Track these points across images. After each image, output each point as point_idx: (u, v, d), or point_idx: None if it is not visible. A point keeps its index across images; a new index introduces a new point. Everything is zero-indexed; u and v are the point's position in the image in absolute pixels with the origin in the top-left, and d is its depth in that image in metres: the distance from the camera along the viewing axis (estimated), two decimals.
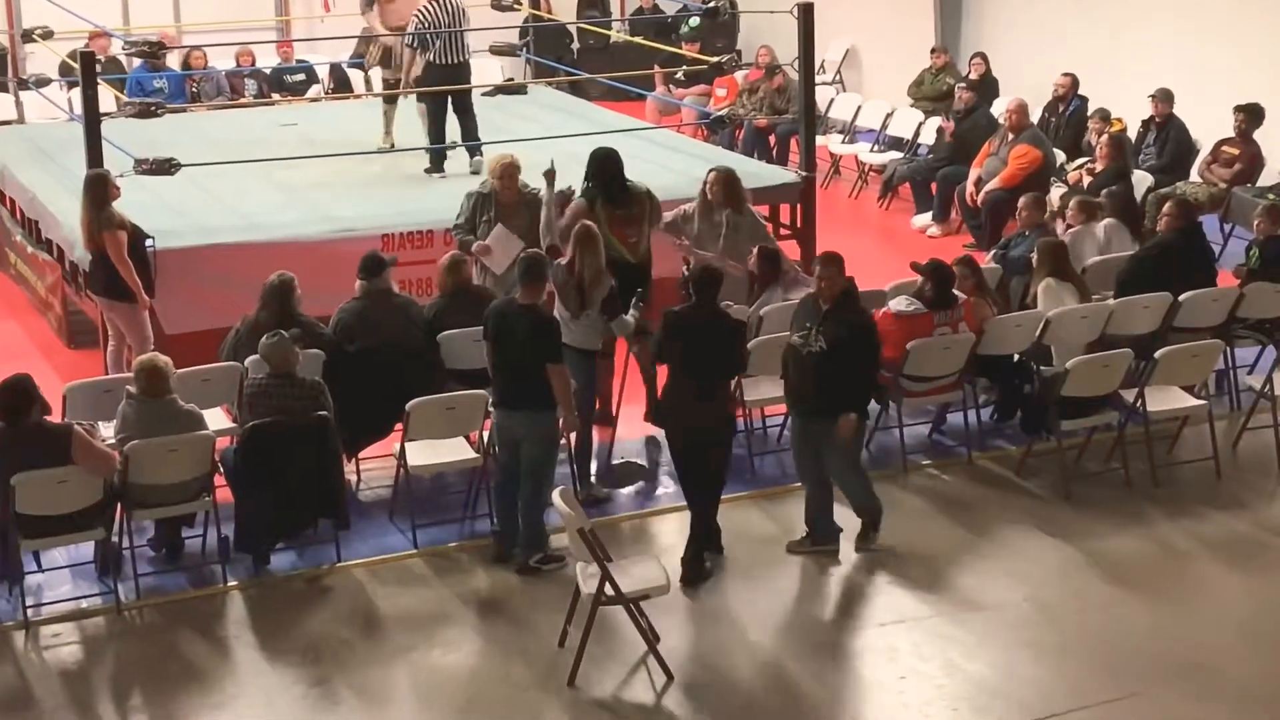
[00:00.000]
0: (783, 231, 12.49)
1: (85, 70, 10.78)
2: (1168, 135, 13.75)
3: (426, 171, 12.59)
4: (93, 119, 10.78)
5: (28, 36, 14.59)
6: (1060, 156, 13.93)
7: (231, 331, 9.22)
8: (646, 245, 9.95)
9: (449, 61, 12.53)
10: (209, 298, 10.48)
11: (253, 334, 8.80)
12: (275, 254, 10.40)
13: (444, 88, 12.53)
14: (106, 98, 12.20)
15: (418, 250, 11.05)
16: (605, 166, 9.94)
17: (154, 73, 15.64)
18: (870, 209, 15.29)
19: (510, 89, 15.50)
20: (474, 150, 12.58)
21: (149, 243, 10.15)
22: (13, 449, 7.57)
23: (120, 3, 18.02)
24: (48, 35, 14.03)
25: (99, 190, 9.92)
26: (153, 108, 11.15)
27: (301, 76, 17.18)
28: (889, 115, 16.06)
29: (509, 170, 10.19)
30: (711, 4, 15.19)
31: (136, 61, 15.48)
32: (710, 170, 10.51)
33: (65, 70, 14.70)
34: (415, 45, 12.52)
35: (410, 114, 13.15)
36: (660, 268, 10.14)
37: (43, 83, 14.48)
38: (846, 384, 8.20)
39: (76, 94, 13.47)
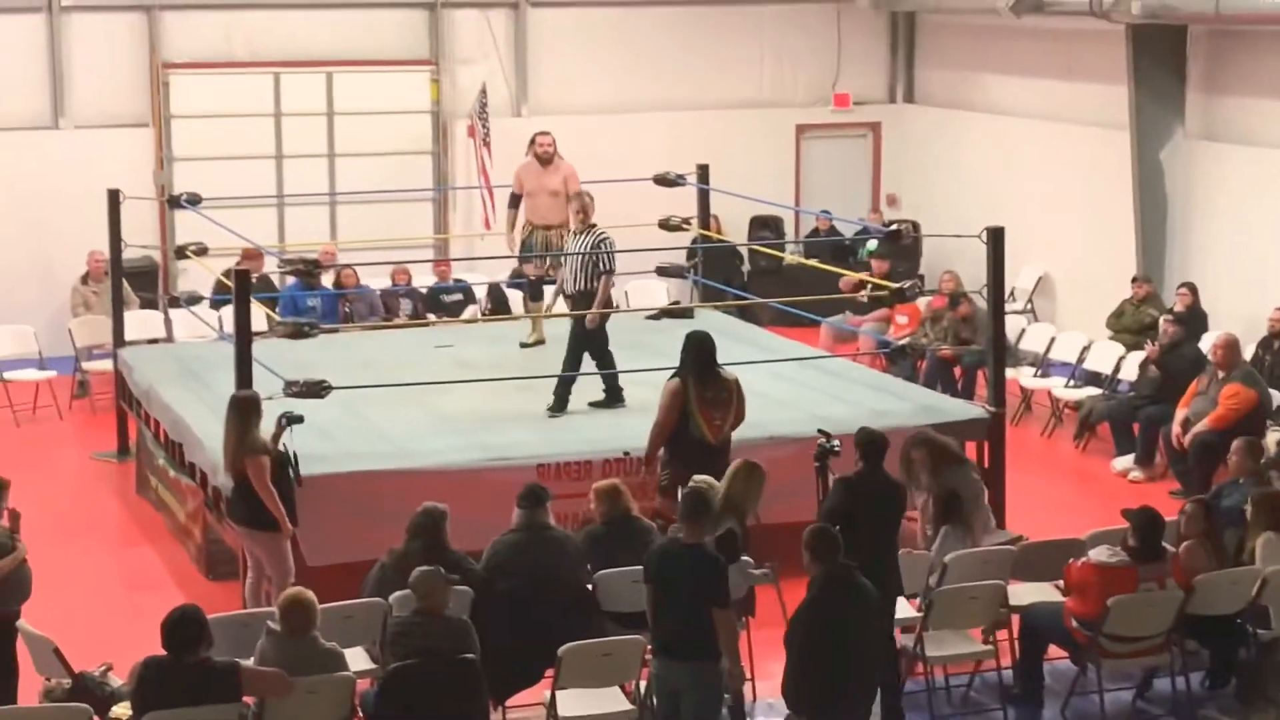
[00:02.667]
0: None
1: (239, 289, 11.20)
2: None
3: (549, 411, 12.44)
4: (244, 339, 11.16)
5: (181, 253, 15.23)
6: (1277, 397, 13.70)
7: (376, 565, 9.33)
8: (728, 433, 10.65)
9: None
10: (354, 528, 10.64)
11: (399, 568, 8.90)
12: (425, 482, 10.56)
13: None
14: (257, 316, 12.60)
15: (575, 482, 11.12)
16: (700, 350, 10.73)
17: (308, 291, 16.18)
18: (1065, 449, 15.11)
19: (676, 312, 15.75)
20: (613, 392, 12.50)
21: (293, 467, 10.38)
22: (168, 686, 7.64)
23: (276, 219, 18.73)
24: (201, 252, 14.64)
25: (246, 413, 10.18)
26: (305, 328, 11.49)
27: (459, 296, 17.66)
28: (1086, 348, 15.94)
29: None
30: (893, 226, 15.39)
31: (289, 279, 16.07)
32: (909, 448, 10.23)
33: (219, 288, 15.25)
34: (609, 269, 12.58)
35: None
36: None
37: (193, 300, 15.01)
38: None
39: (227, 312, 14.00)
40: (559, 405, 12.38)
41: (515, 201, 14.37)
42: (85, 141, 18.14)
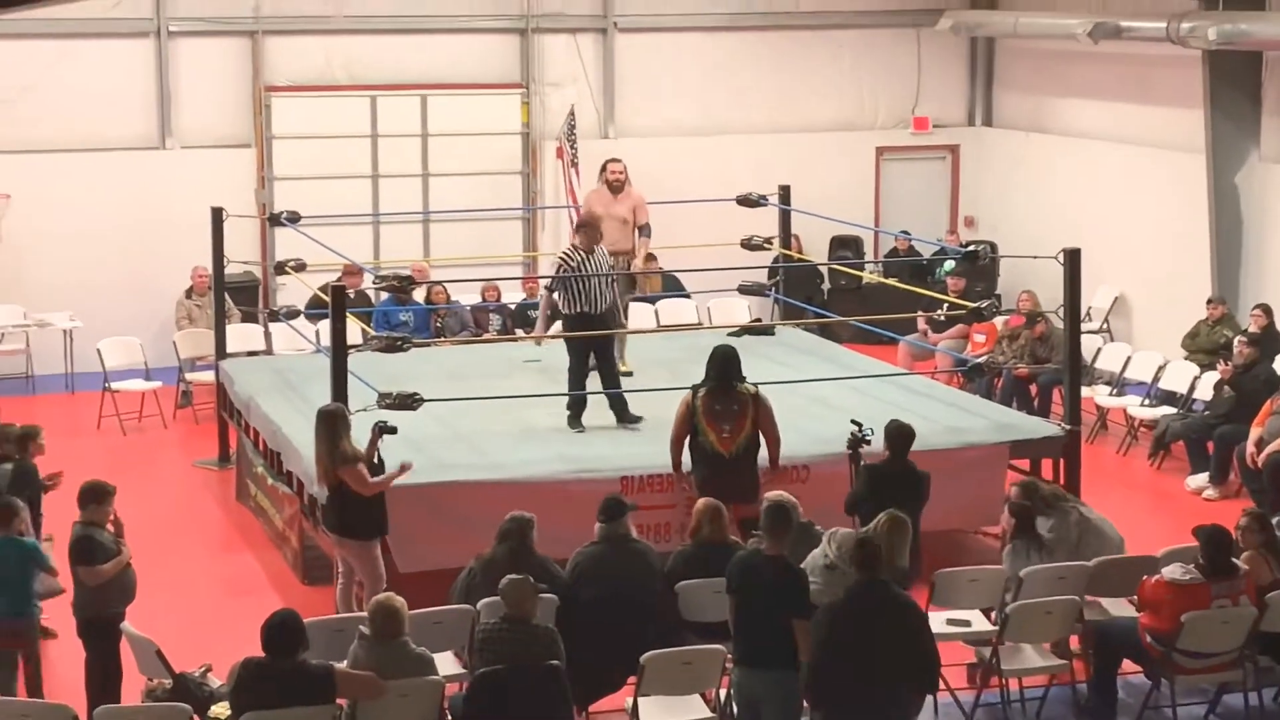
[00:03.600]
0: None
1: (335, 304, 11.29)
2: None
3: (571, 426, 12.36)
4: (340, 353, 11.25)
5: (280, 269, 15.37)
6: None
7: (464, 571, 9.35)
8: (744, 444, 10.65)
9: (592, 311, 12.39)
10: (443, 537, 10.68)
11: (487, 573, 8.93)
12: (512, 493, 10.61)
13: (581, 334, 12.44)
14: (352, 330, 12.69)
15: (657, 494, 11.15)
16: (716, 362, 10.84)
17: (400, 306, 16.29)
18: (1140, 467, 14.96)
19: (757, 329, 15.71)
20: (619, 409, 12.36)
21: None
22: (265, 688, 7.70)
23: (371, 236, 18.86)
24: (300, 268, 14.75)
25: (334, 425, 10.19)
26: (399, 342, 11.55)
27: (548, 313, 17.64)
28: (1161, 368, 15.78)
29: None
30: (970, 247, 15.30)
31: (383, 294, 16.17)
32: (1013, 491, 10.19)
33: (316, 303, 15.38)
34: (553, 289, 12.43)
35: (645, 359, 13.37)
36: None
37: (292, 315, 15.16)
38: None
39: (324, 325, 14.11)
40: (574, 420, 12.32)
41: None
42: (190, 161, 18.33)
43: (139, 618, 9.28)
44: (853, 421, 10.30)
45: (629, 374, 13.23)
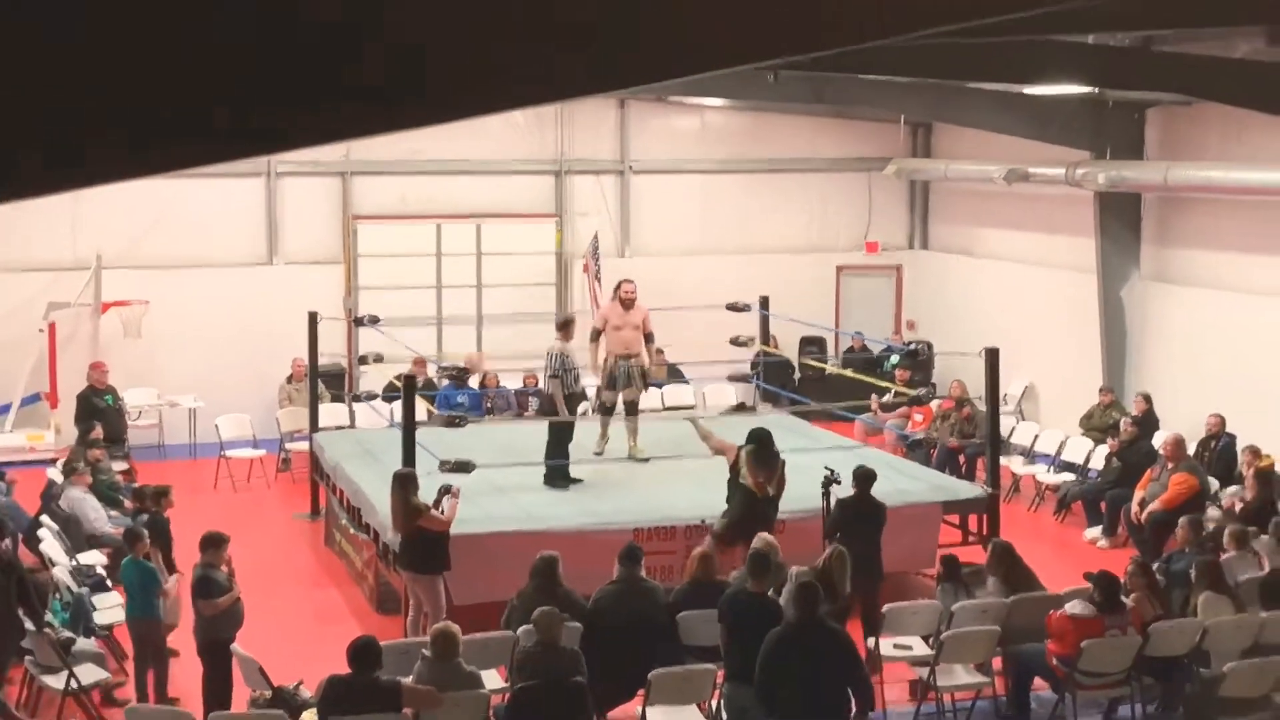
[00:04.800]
0: (970, 539, 12.27)
1: (406, 391, 11.35)
2: None
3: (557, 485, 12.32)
4: (409, 428, 11.27)
5: (363, 361, 15.41)
6: (1214, 484, 13.47)
7: (509, 602, 9.33)
8: (774, 492, 10.72)
9: (579, 392, 12.67)
10: (492, 575, 10.62)
11: (523, 604, 8.90)
12: (546, 541, 10.48)
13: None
14: (420, 409, 12.71)
15: (662, 542, 11.14)
16: (759, 436, 10.90)
17: (458, 390, 16.31)
18: (1047, 522, 14.90)
19: (743, 410, 15.71)
20: (553, 475, 12.32)
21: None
22: (345, 699, 7.69)
23: (435, 334, 18.93)
24: (378, 360, 14.76)
25: (406, 485, 10.24)
26: (457, 420, 11.57)
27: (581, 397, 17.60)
28: (1063, 443, 15.77)
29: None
30: (912, 346, 15.35)
31: (445, 380, 16.20)
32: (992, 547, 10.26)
33: (391, 388, 15.40)
34: (559, 376, 12.37)
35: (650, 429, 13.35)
36: None
37: (370, 397, 15.18)
38: None
39: (397, 405, 14.12)
40: (559, 480, 12.31)
41: (597, 336, 13.30)
42: (292, 275, 18.44)
43: (246, 641, 9.27)
44: (825, 468, 10.53)
45: (646, 459, 13.01)
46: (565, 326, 12.61)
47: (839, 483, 10.40)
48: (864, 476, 10.56)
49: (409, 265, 18.78)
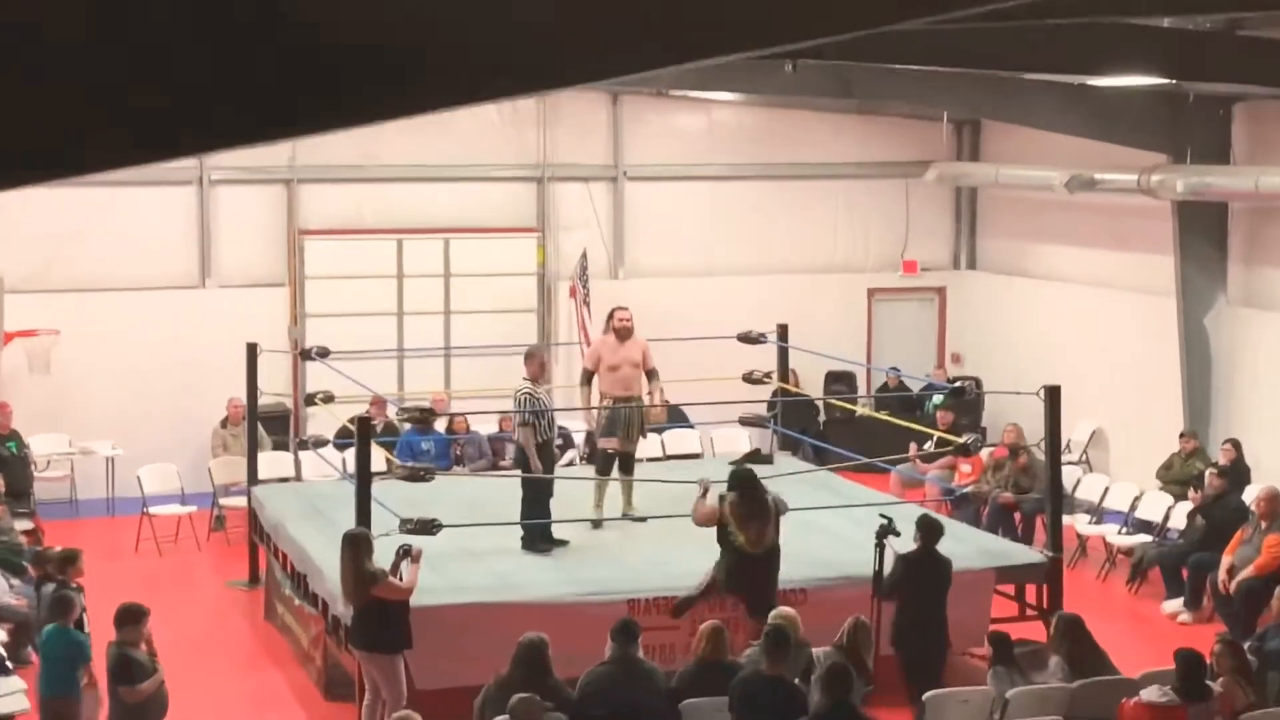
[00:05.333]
0: (1029, 612, 12.21)
1: (360, 435, 11.32)
2: None
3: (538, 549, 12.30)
4: (364, 480, 11.25)
5: (310, 400, 15.36)
6: None
7: (484, 688, 9.26)
8: (769, 543, 10.76)
9: (552, 438, 12.64)
10: (461, 655, 10.58)
11: (501, 691, 8.84)
12: (526, 614, 10.51)
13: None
14: (377, 458, 12.68)
15: (662, 616, 11.05)
16: (739, 480, 11.03)
17: (422, 435, 16.29)
18: (1118, 592, 14.83)
19: (757, 459, 15.68)
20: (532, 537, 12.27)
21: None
22: None
23: (396, 369, 18.90)
24: (329, 399, 14.73)
25: (359, 548, 10.20)
26: (422, 473, 11.54)
27: (559, 442, 17.60)
28: (1137, 498, 15.70)
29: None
30: (957, 383, 15.33)
31: (407, 424, 16.17)
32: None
33: (344, 433, 15.37)
34: (529, 423, 12.31)
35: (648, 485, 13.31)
36: None
37: (320, 443, 15.14)
38: None
39: (350, 454, 14.08)
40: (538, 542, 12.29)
41: (589, 379, 13.42)
42: (228, 300, 18.43)
43: None
44: (881, 515, 10.73)
45: (643, 519, 12.98)
46: (531, 360, 12.58)
47: (897, 534, 10.56)
48: (929, 527, 10.77)
49: (365, 288, 18.77)
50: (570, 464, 17.09)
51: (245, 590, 14.62)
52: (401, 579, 10.26)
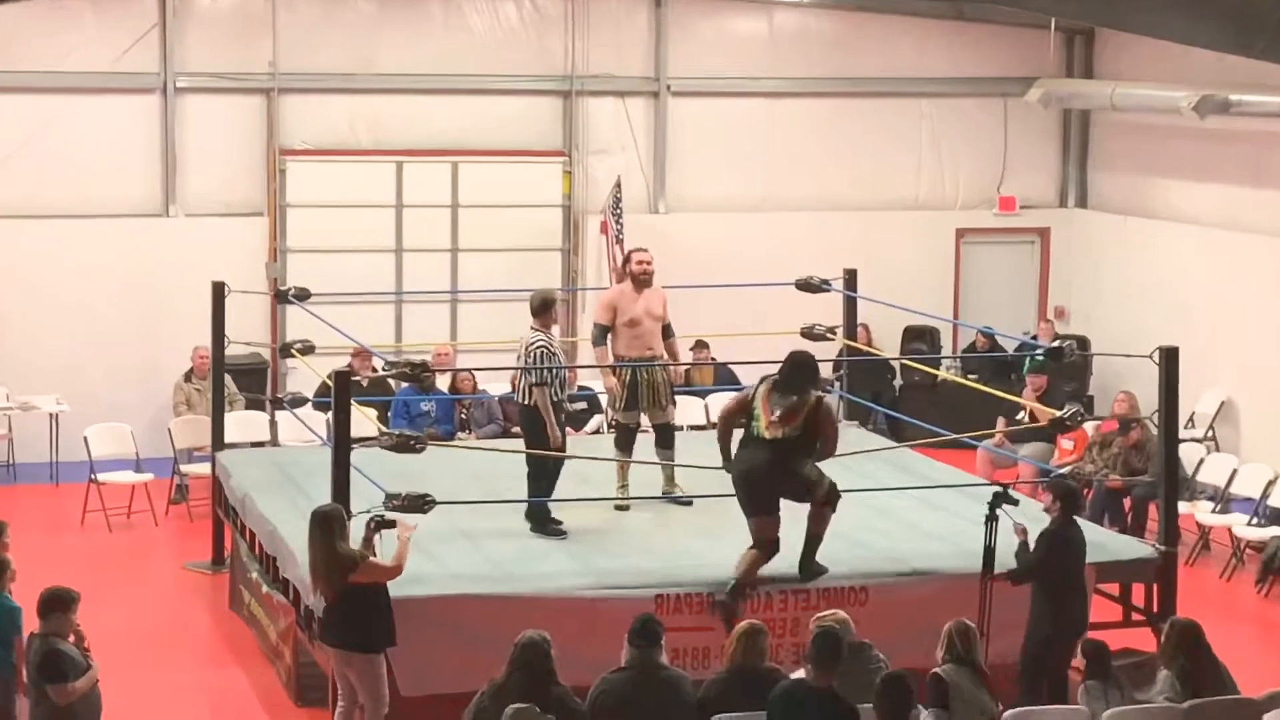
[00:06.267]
0: (1135, 617, 12.07)
1: (337, 391, 11.22)
2: None
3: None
4: (342, 446, 11.16)
5: (285, 351, 15.27)
6: None
7: (476, 696, 9.20)
8: (790, 434, 10.98)
9: (565, 399, 12.59)
10: (453, 657, 10.53)
11: (496, 701, 8.77)
12: (531, 609, 10.47)
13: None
14: (365, 421, 12.60)
15: (695, 615, 10.97)
16: (790, 363, 11.28)
17: (422, 395, 16.23)
18: (1247, 595, 14.74)
19: None
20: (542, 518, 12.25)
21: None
22: None
23: (394, 316, 18.87)
24: (307, 350, 14.60)
25: (330, 528, 10.05)
26: (412, 442, 11.41)
27: (583, 405, 17.57)
28: (1271, 482, 15.59)
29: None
30: (1055, 343, 15.16)
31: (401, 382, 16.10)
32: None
33: (325, 390, 15.31)
34: (546, 382, 12.12)
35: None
36: None
37: (297, 402, 15.06)
38: None
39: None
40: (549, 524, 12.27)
41: (604, 336, 13.03)
42: (196, 230, 18.47)
43: None
44: (998, 485, 11.10)
45: (689, 501, 12.93)
46: (545, 309, 12.44)
47: (1015, 502, 10.67)
48: (1069, 493, 11.10)
49: (357, 219, 18.76)
50: (597, 432, 17.02)
51: (207, 574, 14.62)
52: (381, 556, 10.15)
